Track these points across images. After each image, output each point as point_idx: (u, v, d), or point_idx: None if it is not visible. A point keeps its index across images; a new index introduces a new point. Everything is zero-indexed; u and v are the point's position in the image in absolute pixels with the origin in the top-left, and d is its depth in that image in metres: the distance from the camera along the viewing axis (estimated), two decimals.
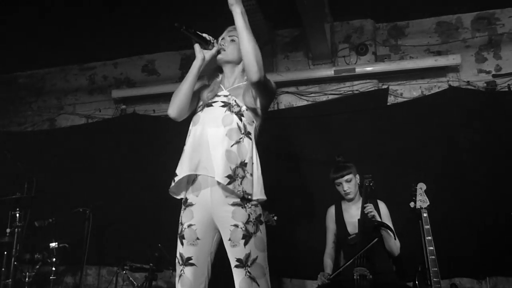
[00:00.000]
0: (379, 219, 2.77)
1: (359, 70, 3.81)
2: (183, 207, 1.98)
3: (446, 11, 3.87)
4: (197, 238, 1.89)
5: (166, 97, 4.49)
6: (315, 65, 4.07)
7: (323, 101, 3.94)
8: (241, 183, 1.81)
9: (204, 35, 1.97)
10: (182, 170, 1.88)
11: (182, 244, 1.91)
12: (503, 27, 3.76)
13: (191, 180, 1.95)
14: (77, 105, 4.91)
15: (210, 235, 1.92)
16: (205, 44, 1.96)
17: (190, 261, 1.87)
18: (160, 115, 4.47)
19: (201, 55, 1.98)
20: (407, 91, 3.87)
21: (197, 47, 1.98)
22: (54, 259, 3.37)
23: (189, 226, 1.90)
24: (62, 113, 4.94)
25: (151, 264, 3.30)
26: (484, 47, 3.78)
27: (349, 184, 2.92)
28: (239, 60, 2.04)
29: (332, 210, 3.06)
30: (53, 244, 3.37)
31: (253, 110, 1.98)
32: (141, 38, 4.31)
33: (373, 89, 3.84)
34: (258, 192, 1.88)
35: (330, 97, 3.94)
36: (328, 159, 3.67)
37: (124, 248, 3.98)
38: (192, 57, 1.95)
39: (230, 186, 1.78)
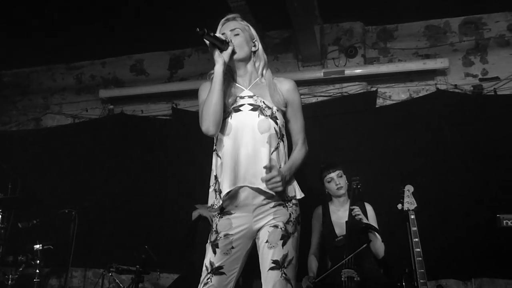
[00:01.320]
0: (366, 221, 2.78)
1: (348, 72, 3.82)
2: (218, 215, 1.88)
3: (435, 15, 3.91)
4: (232, 248, 1.82)
5: (155, 98, 4.48)
6: (305, 67, 4.07)
7: (312, 103, 3.95)
8: (286, 190, 1.83)
9: (218, 35, 1.84)
10: (227, 186, 1.77)
11: (214, 252, 1.82)
12: (490, 31, 3.81)
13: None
14: (64, 105, 4.84)
15: (245, 244, 1.85)
16: (222, 45, 1.82)
17: (221, 270, 1.79)
18: (148, 116, 4.44)
19: (221, 59, 1.81)
20: (396, 93, 3.90)
21: (216, 52, 1.82)
22: (38, 261, 3.29)
23: (226, 235, 1.82)
24: (48, 112, 4.86)
25: (137, 266, 3.25)
26: (471, 51, 3.82)
27: (340, 179, 2.92)
28: (250, 55, 1.95)
29: (319, 211, 3.05)
30: (37, 246, 3.30)
31: (282, 111, 1.93)
32: (129, 37, 4.26)
33: (362, 91, 3.86)
34: (299, 192, 1.91)
35: (319, 99, 3.95)
36: (316, 161, 3.68)
37: (111, 250, 3.94)
38: (182, 57, 1.93)
39: (286, 196, 1.81)
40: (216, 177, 1.86)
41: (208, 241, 1.86)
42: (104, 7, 3.69)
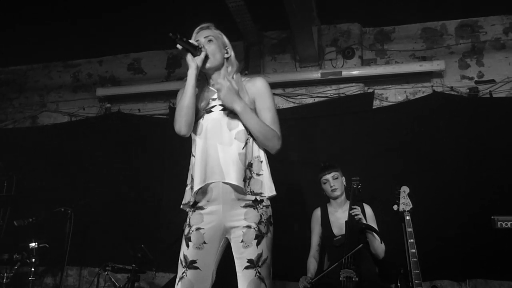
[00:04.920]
0: (365, 222, 2.79)
1: (345, 73, 3.84)
2: (191, 209, 1.93)
3: (432, 18, 3.94)
4: (204, 242, 1.85)
5: (152, 96, 4.48)
6: (302, 68, 4.08)
7: (309, 104, 3.96)
8: (248, 184, 1.85)
9: (191, 41, 1.95)
10: (197, 183, 1.83)
11: (187, 246, 1.86)
12: (486, 35, 3.84)
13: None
14: (60, 103, 4.83)
15: (217, 241, 1.88)
16: (195, 51, 1.92)
17: (194, 264, 1.83)
18: (145, 115, 4.43)
19: (194, 63, 1.92)
20: (392, 95, 3.92)
21: (189, 57, 1.92)
22: (33, 260, 3.28)
23: (198, 229, 1.86)
24: (44, 110, 4.85)
25: (133, 265, 3.25)
26: (468, 54, 3.85)
27: (335, 181, 2.93)
28: (223, 62, 2.03)
29: (317, 212, 3.06)
30: (32, 244, 3.29)
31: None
32: (127, 36, 4.26)
33: (358, 92, 3.87)
34: (268, 190, 1.91)
35: (317, 99, 3.97)
36: (313, 162, 3.69)
37: (106, 249, 3.93)
38: (179, 56, 1.95)
39: (245, 189, 1.82)
40: (192, 176, 1.92)
41: (183, 235, 1.90)
42: (102, 5, 3.68)
